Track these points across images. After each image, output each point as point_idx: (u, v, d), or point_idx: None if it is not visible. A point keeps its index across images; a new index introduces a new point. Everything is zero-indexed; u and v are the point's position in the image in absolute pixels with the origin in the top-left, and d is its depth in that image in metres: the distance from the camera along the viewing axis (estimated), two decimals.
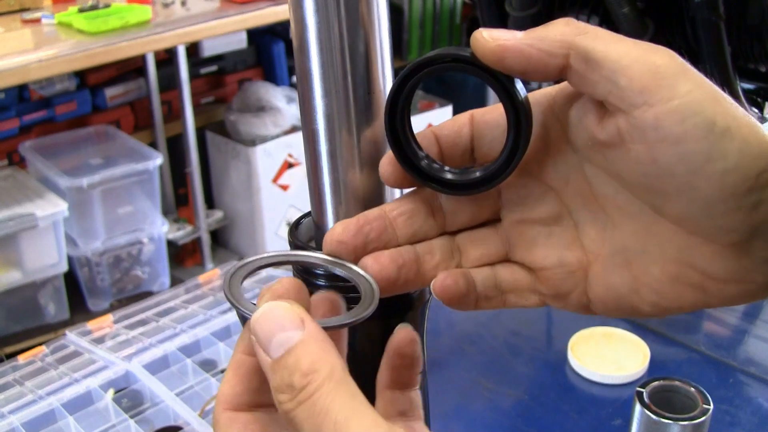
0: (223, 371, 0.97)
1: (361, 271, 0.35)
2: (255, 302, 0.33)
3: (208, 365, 0.96)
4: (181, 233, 2.55)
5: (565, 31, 0.32)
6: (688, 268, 0.33)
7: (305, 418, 0.28)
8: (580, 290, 0.36)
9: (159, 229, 2.34)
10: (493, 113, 0.37)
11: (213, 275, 1.16)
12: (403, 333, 0.37)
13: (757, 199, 0.30)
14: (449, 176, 0.36)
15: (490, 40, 0.32)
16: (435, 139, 0.37)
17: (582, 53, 0.31)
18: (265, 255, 0.35)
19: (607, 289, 0.36)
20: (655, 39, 0.82)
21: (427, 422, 0.41)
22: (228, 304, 1.06)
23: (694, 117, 0.30)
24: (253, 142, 2.49)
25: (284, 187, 2.60)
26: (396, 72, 0.39)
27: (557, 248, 0.37)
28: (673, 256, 0.33)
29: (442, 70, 0.34)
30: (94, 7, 2.09)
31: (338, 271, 0.35)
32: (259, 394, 0.33)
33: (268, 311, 0.30)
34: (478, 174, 0.36)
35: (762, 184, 0.30)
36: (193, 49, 2.55)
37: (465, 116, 0.37)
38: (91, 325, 1.05)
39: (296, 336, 0.29)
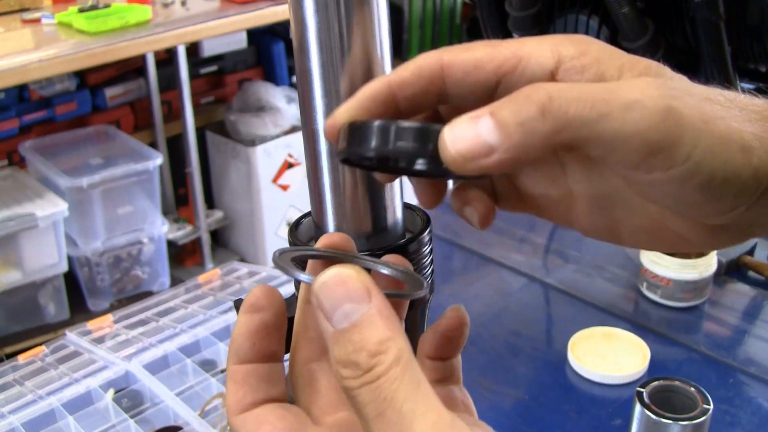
0: (223, 371, 0.97)
1: (408, 270, 0.36)
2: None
3: (208, 365, 0.96)
4: (181, 233, 2.56)
5: (551, 128, 0.28)
6: (667, 229, 0.35)
7: (369, 401, 0.28)
8: (563, 218, 0.38)
9: (159, 229, 2.34)
10: (466, 53, 0.33)
11: (213, 275, 1.16)
12: (453, 315, 0.37)
13: (744, 212, 0.32)
14: (420, 168, 0.35)
15: (463, 161, 0.29)
16: (394, 103, 0.33)
17: (571, 145, 0.29)
18: (313, 248, 0.36)
19: (589, 225, 0.37)
20: (655, 39, 0.82)
21: None
22: (229, 304, 1.06)
23: (692, 180, 0.29)
24: (253, 142, 2.49)
25: (284, 187, 2.60)
26: None
27: (543, 182, 0.37)
28: (654, 216, 0.34)
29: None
30: (94, 7, 2.09)
31: (384, 270, 0.35)
32: (261, 391, 0.33)
33: (334, 277, 0.29)
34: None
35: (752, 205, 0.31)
36: (193, 49, 2.55)
37: (432, 63, 0.33)
38: (91, 325, 1.05)
39: (362, 309, 0.29)
